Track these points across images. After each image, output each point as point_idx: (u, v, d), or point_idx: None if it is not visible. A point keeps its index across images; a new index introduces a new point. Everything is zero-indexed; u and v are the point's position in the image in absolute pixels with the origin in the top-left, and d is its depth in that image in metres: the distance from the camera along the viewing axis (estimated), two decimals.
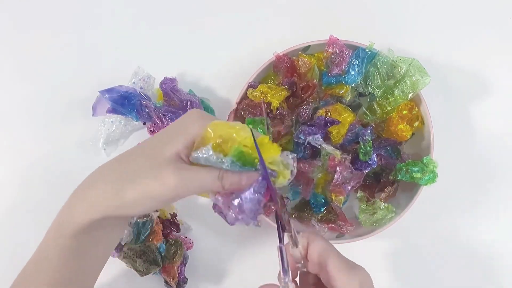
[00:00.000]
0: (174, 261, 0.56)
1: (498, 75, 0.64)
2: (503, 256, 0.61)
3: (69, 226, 0.38)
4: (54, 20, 0.67)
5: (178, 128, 0.39)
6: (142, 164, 0.37)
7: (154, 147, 0.38)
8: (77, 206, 0.38)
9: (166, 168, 0.36)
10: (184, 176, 0.36)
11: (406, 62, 0.54)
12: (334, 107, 0.55)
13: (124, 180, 0.37)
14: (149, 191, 0.36)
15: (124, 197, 0.36)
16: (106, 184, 0.37)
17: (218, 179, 0.37)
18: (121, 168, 0.38)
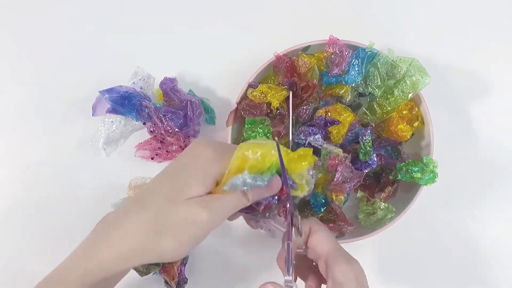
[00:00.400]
0: (174, 261, 0.56)
1: (498, 75, 0.64)
2: (504, 256, 0.61)
3: (93, 276, 0.37)
4: (54, 20, 0.67)
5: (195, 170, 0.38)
6: (171, 209, 0.36)
7: (178, 191, 0.37)
8: (106, 254, 0.37)
9: (194, 207, 0.36)
10: (213, 208, 0.36)
11: (406, 62, 0.54)
12: (334, 107, 0.55)
13: (157, 230, 0.36)
14: (183, 235, 0.36)
15: (162, 248, 0.36)
16: (137, 235, 0.36)
17: (243, 196, 0.38)
18: (148, 219, 0.36)
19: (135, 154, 0.60)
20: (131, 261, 0.37)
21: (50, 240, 0.62)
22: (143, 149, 0.60)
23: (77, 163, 0.63)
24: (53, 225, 0.62)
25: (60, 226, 0.62)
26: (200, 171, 0.38)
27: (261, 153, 0.39)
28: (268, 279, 0.60)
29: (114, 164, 0.63)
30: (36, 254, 0.61)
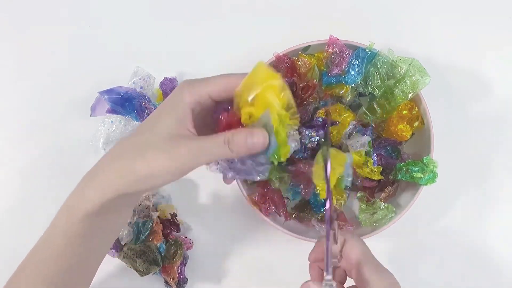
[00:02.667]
0: (174, 261, 0.56)
1: (498, 75, 0.64)
2: (504, 256, 0.61)
3: (78, 210, 0.38)
4: (54, 19, 0.67)
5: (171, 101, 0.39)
6: (150, 140, 0.37)
7: (158, 123, 0.38)
8: (87, 188, 0.38)
9: (174, 141, 0.37)
10: (193, 147, 0.37)
11: (406, 62, 0.54)
12: (334, 107, 0.55)
13: (135, 157, 0.37)
14: (160, 164, 0.36)
15: (136, 172, 0.36)
16: (116, 163, 0.38)
17: (225, 143, 0.37)
18: (130, 146, 0.38)
19: None
20: (108, 188, 0.37)
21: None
22: None
23: (77, 163, 0.63)
24: None
25: None
26: (173, 102, 0.39)
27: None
28: (268, 279, 0.61)
29: None
30: None
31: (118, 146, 0.39)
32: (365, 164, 0.53)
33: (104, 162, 0.39)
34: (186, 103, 0.38)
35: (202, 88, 0.39)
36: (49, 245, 0.40)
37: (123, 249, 0.56)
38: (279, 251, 0.61)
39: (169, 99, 0.40)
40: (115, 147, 0.40)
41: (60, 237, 0.39)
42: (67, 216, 0.39)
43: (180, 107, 0.38)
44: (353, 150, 0.53)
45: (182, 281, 0.58)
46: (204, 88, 0.39)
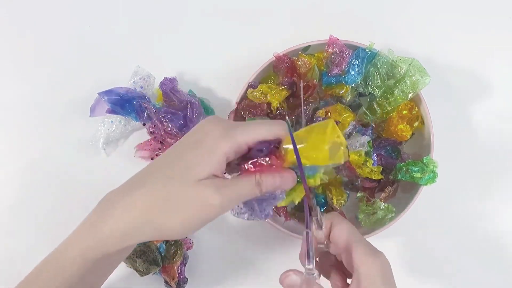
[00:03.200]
0: (174, 261, 0.56)
1: (498, 75, 0.64)
2: (504, 255, 0.61)
3: (96, 251, 0.37)
4: (54, 19, 0.67)
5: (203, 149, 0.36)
6: (176, 188, 0.35)
7: (185, 169, 0.36)
8: (108, 228, 0.36)
9: (207, 189, 0.35)
10: (226, 193, 0.35)
11: (406, 62, 0.54)
12: (334, 108, 0.55)
13: (165, 207, 0.35)
14: (192, 217, 0.35)
15: (168, 225, 0.35)
16: (142, 210, 0.35)
17: (257, 186, 0.37)
18: (161, 197, 0.35)
19: (135, 154, 0.60)
20: (134, 237, 0.36)
21: (50, 240, 0.61)
22: (143, 150, 0.60)
23: (77, 163, 0.63)
24: (53, 225, 0.62)
25: (60, 226, 0.61)
26: (208, 149, 0.36)
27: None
28: (268, 279, 0.60)
29: (114, 164, 0.63)
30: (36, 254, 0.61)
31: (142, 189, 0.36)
32: (364, 164, 0.53)
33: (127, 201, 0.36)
34: (223, 153, 0.36)
35: (241, 137, 0.36)
36: (58, 273, 0.39)
37: None
38: (279, 251, 0.61)
39: (200, 142, 0.36)
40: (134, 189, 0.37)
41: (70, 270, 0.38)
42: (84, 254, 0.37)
43: (216, 154, 0.36)
44: (352, 150, 0.53)
45: (182, 281, 0.58)
46: (244, 137, 0.36)
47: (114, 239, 0.36)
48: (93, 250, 0.37)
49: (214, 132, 0.36)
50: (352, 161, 0.53)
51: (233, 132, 0.36)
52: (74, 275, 0.38)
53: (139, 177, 0.38)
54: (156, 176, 0.37)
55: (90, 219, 0.38)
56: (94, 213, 0.38)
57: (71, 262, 0.38)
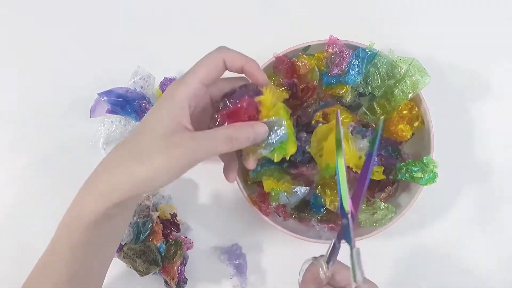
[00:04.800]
0: (174, 261, 0.56)
1: (498, 75, 0.64)
2: (504, 255, 0.61)
3: (80, 220, 0.38)
4: (54, 19, 0.67)
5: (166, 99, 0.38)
6: (146, 142, 0.37)
7: (153, 123, 0.38)
8: (88, 197, 0.38)
9: (171, 141, 0.36)
10: (190, 145, 0.36)
11: (406, 62, 0.54)
12: (332, 109, 0.55)
13: (131, 161, 0.36)
14: (158, 166, 0.36)
15: (134, 177, 0.36)
16: (114, 169, 0.37)
17: (227, 140, 0.37)
18: (126, 151, 0.38)
19: None
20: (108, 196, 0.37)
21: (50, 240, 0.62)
22: None
23: (77, 163, 0.63)
24: (53, 225, 0.62)
25: None
26: (168, 100, 0.38)
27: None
28: (267, 279, 0.60)
29: None
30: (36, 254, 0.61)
31: (115, 151, 0.39)
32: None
33: (102, 169, 0.38)
34: (180, 99, 0.38)
35: (192, 77, 0.39)
36: (55, 256, 0.40)
37: (123, 249, 0.56)
38: (279, 251, 0.61)
39: (162, 97, 0.39)
40: (112, 153, 0.39)
41: (64, 248, 0.39)
42: (69, 226, 0.39)
43: (174, 103, 0.38)
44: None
45: (182, 281, 0.58)
46: (194, 77, 0.39)
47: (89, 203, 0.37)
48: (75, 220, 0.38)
49: (173, 85, 0.39)
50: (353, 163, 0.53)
51: (184, 77, 0.39)
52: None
53: (121, 141, 0.40)
54: (128, 138, 0.39)
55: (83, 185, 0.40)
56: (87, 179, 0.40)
57: (61, 241, 0.39)
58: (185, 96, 0.38)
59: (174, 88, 0.38)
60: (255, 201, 0.55)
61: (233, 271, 0.60)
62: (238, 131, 0.38)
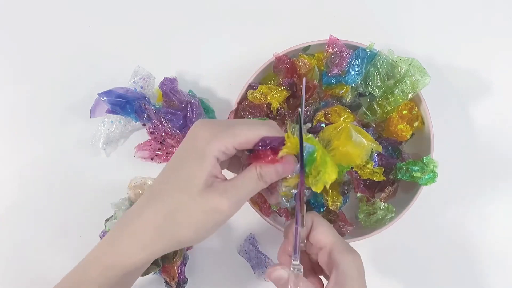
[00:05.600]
0: (174, 261, 0.56)
1: (498, 75, 0.64)
2: (504, 255, 0.61)
3: (116, 267, 0.38)
4: (54, 19, 0.67)
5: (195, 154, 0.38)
6: (186, 202, 0.36)
7: (188, 178, 0.37)
8: (127, 246, 0.38)
9: (212, 196, 0.36)
10: (232, 195, 0.37)
11: (406, 62, 0.54)
12: (334, 109, 0.55)
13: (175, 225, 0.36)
14: (204, 224, 0.36)
15: (181, 239, 0.37)
16: (156, 225, 0.37)
17: (260, 179, 0.38)
18: (164, 210, 0.37)
19: (134, 155, 0.60)
20: (150, 251, 0.37)
21: (50, 240, 0.62)
22: (143, 150, 0.60)
23: (77, 163, 0.63)
24: (53, 225, 0.62)
25: (60, 226, 0.62)
26: (200, 155, 0.37)
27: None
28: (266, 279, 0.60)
29: (114, 164, 0.63)
30: (36, 254, 0.61)
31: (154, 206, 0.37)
32: (365, 166, 0.53)
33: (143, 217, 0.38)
34: (213, 156, 0.37)
35: (229, 140, 0.37)
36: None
37: None
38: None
39: (192, 149, 0.38)
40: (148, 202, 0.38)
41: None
42: (102, 269, 0.38)
43: (207, 159, 0.37)
44: None
45: (182, 281, 0.58)
46: (231, 140, 0.38)
47: (132, 255, 0.37)
48: (113, 268, 0.38)
49: (202, 135, 0.38)
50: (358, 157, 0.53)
51: (220, 136, 0.38)
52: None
53: (148, 196, 0.39)
54: (162, 192, 0.38)
55: (107, 240, 0.39)
56: (110, 234, 0.39)
57: (92, 282, 0.39)
58: (218, 153, 0.37)
59: (206, 142, 0.37)
60: (255, 201, 0.55)
61: (253, 263, 0.60)
62: (269, 166, 0.38)
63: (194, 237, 0.37)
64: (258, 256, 0.59)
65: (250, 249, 0.60)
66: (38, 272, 0.61)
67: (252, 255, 0.60)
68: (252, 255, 0.60)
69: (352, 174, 0.54)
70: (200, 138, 0.38)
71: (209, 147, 0.37)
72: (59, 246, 0.61)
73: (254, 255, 0.60)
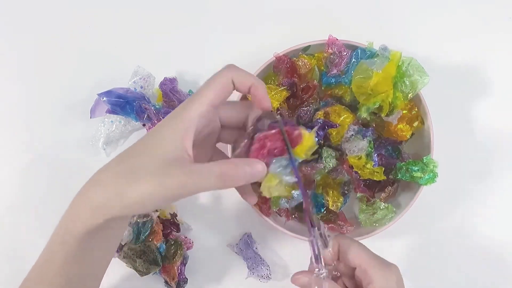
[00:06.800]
0: (174, 261, 0.56)
1: (498, 74, 0.64)
2: (504, 255, 0.61)
3: (73, 231, 0.38)
4: (54, 19, 0.67)
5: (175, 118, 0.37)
6: (143, 164, 0.36)
7: (156, 143, 0.37)
8: (81, 210, 0.38)
9: (167, 169, 0.35)
10: (183, 179, 0.35)
11: (404, 62, 0.54)
12: (333, 109, 0.55)
13: (127, 181, 0.36)
14: (150, 192, 0.35)
15: (126, 198, 0.36)
16: (107, 186, 0.37)
17: (218, 178, 0.36)
18: (122, 168, 0.37)
19: None
20: (100, 211, 0.36)
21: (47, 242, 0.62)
22: None
23: (77, 163, 0.63)
24: (53, 225, 0.62)
25: None
26: (177, 119, 0.37)
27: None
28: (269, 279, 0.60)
29: None
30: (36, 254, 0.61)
31: (113, 164, 0.38)
32: (365, 166, 0.53)
33: (98, 181, 0.38)
34: (188, 119, 0.37)
35: (201, 98, 0.37)
36: (48, 265, 0.40)
37: (123, 249, 0.56)
38: (279, 251, 0.61)
39: (168, 117, 0.38)
40: (110, 166, 0.38)
41: (58, 257, 0.39)
42: (63, 236, 0.39)
43: (180, 125, 0.37)
44: (351, 155, 0.53)
45: (182, 281, 0.58)
46: (203, 97, 0.38)
47: (88, 216, 0.37)
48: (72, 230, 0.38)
49: (181, 105, 0.38)
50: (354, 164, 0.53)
51: (194, 98, 0.38)
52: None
53: (121, 153, 0.39)
54: (131, 151, 0.38)
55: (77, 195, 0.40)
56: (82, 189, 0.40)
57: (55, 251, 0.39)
58: (193, 117, 0.37)
59: (182, 109, 0.37)
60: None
61: (249, 263, 0.59)
62: (234, 169, 0.36)
63: (135, 201, 0.35)
64: (254, 257, 0.59)
65: (246, 248, 0.59)
66: None
67: (249, 255, 0.59)
68: (249, 255, 0.59)
69: (352, 174, 0.54)
70: (184, 103, 0.38)
71: (184, 112, 0.37)
72: None
73: (251, 255, 0.59)
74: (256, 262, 0.59)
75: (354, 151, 0.53)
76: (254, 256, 0.59)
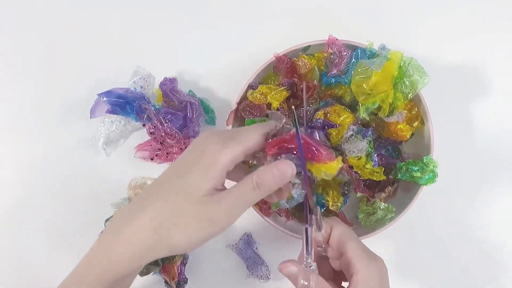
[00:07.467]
0: (174, 261, 0.56)
1: (498, 74, 0.64)
2: (504, 254, 0.61)
3: (107, 273, 0.37)
4: (54, 20, 0.67)
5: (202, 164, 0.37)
6: (185, 207, 0.36)
7: (189, 185, 0.36)
8: (120, 251, 0.37)
9: (209, 206, 0.36)
10: (227, 205, 0.36)
11: (404, 62, 0.54)
12: (333, 108, 0.55)
13: (170, 229, 0.36)
14: (198, 233, 0.36)
15: (173, 246, 0.36)
16: (149, 231, 0.36)
17: (256, 189, 0.37)
18: (164, 212, 0.36)
19: (134, 155, 0.60)
20: (145, 256, 0.37)
21: (50, 240, 0.62)
22: (143, 150, 0.60)
23: (77, 163, 0.63)
24: (53, 225, 0.62)
25: (60, 226, 0.62)
26: (208, 164, 0.37)
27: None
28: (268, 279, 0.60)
29: (114, 164, 0.63)
30: (36, 254, 0.61)
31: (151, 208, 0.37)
32: (364, 166, 0.53)
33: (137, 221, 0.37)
34: (224, 167, 0.37)
35: (237, 148, 0.37)
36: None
37: None
38: (279, 251, 0.61)
39: (201, 158, 0.37)
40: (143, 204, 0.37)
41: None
42: (94, 275, 0.38)
43: (216, 170, 0.36)
44: (350, 155, 0.53)
45: (182, 281, 0.58)
46: (240, 147, 0.37)
47: (126, 260, 0.37)
48: (107, 273, 0.37)
49: (212, 146, 0.37)
50: (354, 164, 0.53)
51: (229, 145, 0.37)
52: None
53: (145, 196, 0.38)
54: (162, 194, 0.37)
55: (102, 242, 0.39)
56: (105, 235, 0.39)
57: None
58: (228, 163, 0.37)
59: (217, 152, 0.37)
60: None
61: (248, 262, 0.59)
62: (262, 175, 0.37)
63: (187, 246, 0.36)
64: (254, 257, 0.59)
65: (246, 248, 0.60)
66: (38, 272, 0.61)
67: (248, 255, 0.59)
68: (249, 255, 0.59)
69: (352, 174, 0.54)
70: (210, 149, 0.37)
71: (221, 158, 0.37)
72: (59, 246, 0.61)
73: (250, 255, 0.59)
74: (256, 262, 0.59)
75: (354, 152, 0.53)
76: (253, 256, 0.59)
